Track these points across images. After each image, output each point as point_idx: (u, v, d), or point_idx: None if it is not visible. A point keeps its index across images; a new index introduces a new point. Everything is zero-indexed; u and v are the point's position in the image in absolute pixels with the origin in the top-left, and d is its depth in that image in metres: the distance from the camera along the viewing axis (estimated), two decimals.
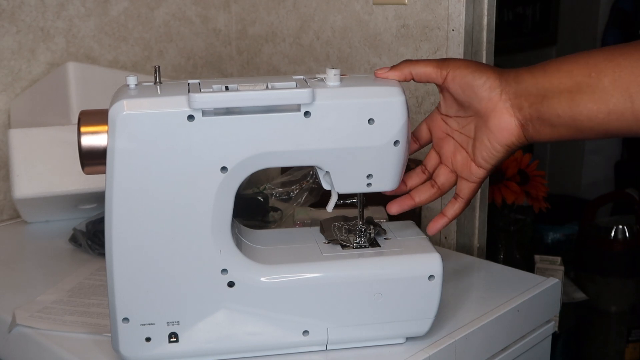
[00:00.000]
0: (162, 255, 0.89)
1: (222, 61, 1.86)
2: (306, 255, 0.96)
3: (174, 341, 0.93)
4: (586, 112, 0.86)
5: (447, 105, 0.98)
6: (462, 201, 1.00)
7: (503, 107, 0.91)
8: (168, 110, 0.85)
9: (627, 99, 0.83)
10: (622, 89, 0.83)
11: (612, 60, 0.84)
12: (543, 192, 1.96)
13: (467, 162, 0.97)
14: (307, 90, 0.86)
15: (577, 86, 0.86)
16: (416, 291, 0.95)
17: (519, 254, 1.99)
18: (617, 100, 0.84)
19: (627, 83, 0.83)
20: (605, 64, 0.84)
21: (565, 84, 0.87)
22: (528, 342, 1.13)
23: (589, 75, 0.85)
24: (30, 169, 1.37)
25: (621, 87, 0.83)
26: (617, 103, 0.84)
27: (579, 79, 0.86)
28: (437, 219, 1.00)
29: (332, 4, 1.59)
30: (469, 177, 0.98)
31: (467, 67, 0.93)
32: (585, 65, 0.86)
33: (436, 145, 1.01)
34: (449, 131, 0.99)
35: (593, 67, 0.85)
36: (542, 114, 0.89)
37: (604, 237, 2.17)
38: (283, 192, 1.48)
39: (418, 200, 1.01)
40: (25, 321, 1.05)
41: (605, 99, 0.84)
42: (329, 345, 0.96)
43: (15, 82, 1.52)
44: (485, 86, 0.91)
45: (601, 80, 0.84)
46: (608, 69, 0.84)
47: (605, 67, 0.84)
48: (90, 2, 1.60)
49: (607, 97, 0.84)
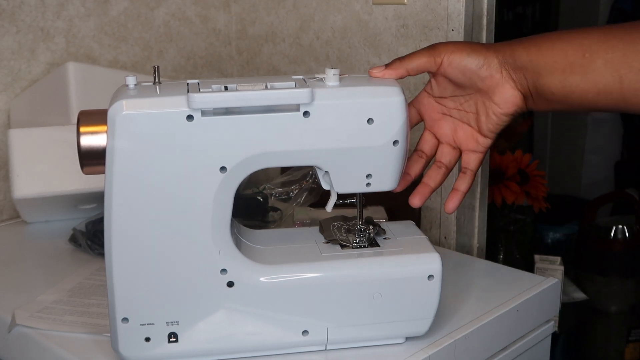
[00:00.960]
0: (162, 255, 0.89)
1: (222, 61, 1.86)
2: (305, 255, 0.96)
3: (174, 341, 0.93)
4: (578, 92, 0.89)
5: (441, 87, 0.98)
6: (471, 172, 1.01)
7: (506, 82, 0.93)
8: (167, 110, 0.85)
9: (616, 80, 0.86)
10: (613, 70, 0.85)
11: (605, 41, 0.86)
12: (543, 192, 1.95)
13: (472, 135, 0.99)
14: (306, 90, 0.86)
15: (570, 67, 0.88)
16: (416, 291, 0.95)
17: (519, 254, 1.99)
18: (607, 81, 0.86)
19: (618, 65, 0.85)
20: (598, 46, 0.86)
21: (558, 63, 0.89)
22: (528, 342, 1.13)
23: (583, 56, 0.87)
24: (30, 169, 1.37)
25: (612, 68, 0.85)
26: (607, 84, 0.86)
27: (572, 59, 0.88)
28: (453, 195, 1.01)
29: (332, 4, 1.59)
30: (477, 148, 0.99)
31: (461, 50, 0.93)
32: (579, 45, 0.87)
33: (431, 127, 1.02)
34: (446, 111, 1.00)
35: (587, 48, 0.87)
36: (538, 90, 0.91)
37: (604, 237, 2.17)
38: (282, 192, 1.48)
39: (433, 184, 1.01)
40: (25, 321, 1.05)
41: (596, 80, 0.87)
42: (328, 345, 0.96)
43: (15, 82, 1.52)
44: (484, 66, 0.92)
45: (594, 62, 0.86)
46: (601, 50, 0.86)
47: (599, 48, 0.86)
48: (90, 2, 1.60)
49: (598, 78, 0.87)
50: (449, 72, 0.94)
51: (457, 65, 0.93)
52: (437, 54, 0.94)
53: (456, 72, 0.94)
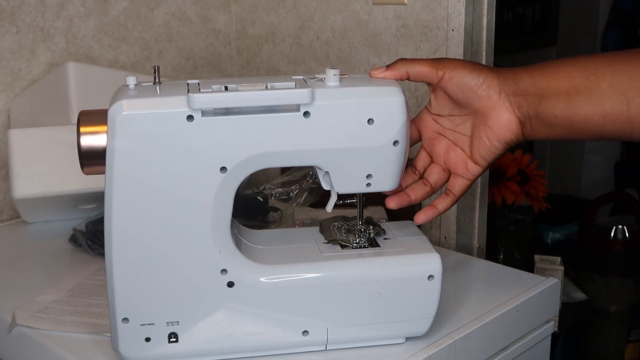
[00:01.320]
0: (162, 256, 0.89)
1: (222, 61, 1.86)
2: (306, 255, 0.96)
3: (174, 341, 0.93)
4: (583, 114, 0.87)
5: (440, 104, 0.98)
6: (454, 197, 1.00)
7: (502, 105, 0.92)
8: (167, 111, 0.85)
9: (623, 103, 0.84)
10: (620, 93, 0.84)
11: (611, 65, 0.85)
12: (543, 192, 1.95)
13: (463, 159, 0.98)
14: (306, 90, 0.86)
15: (575, 89, 0.87)
16: (416, 291, 0.95)
17: (519, 254, 1.99)
18: (613, 104, 0.85)
19: (624, 87, 0.84)
20: (604, 68, 0.85)
21: (563, 85, 0.88)
22: (528, 342, 1.13)
23: (588, 78, 0.86)
24: (30, 169, 1.37)
25: (619, 90, 0.84)
26: (613, 106, 0.85)
27: (577, 81, 0.87)
28: (427, 210, 1.00)
29: (332, 4, 1.59)
30: (465, 174, 0.98)
31: (464, 67, 0.93)
32: (584, 68, 0.86)
33: (427, 145, 1.01)
34: (441, 130, 0.99)
35: (592, 70, 0.86)
36: (540, 114, 0.90)
37: (604, 237, 2.17)
38: (283, 192, 1.48)
39: (414, 197, 1.00)
40: (25, 321, 1.05)
41: (602, 102, 0.86)
42: (328, 345, 0.96)
43: (15, 82, 1.52)
44: (484, 85, 0.91)
45: (599, 84, 0.85)
46: (607, 72, 0.85)
47: (605, 71, 0.85)
48: (90, 2, 1.60)
49: (604, 100, 0.85)
50: (449, 87, 0.94)
51: (457, 82, 0.93)
52: (440, 66, 0.93)
53: (455, 88, 0.94)
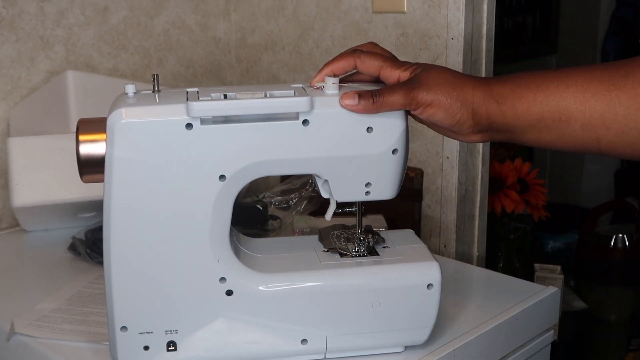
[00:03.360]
0: (161, 264, 0.89)
1: (222, 69, 1.86)
2: (305, 263, 0.96)
3: (172, 350, 0.92)
4: (553, 144, 0.89)
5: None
6: None
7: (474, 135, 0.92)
8: (166, 119, 0.85)
9: (593, 140, 0.85)
10: (591, 132, 0.85)
11: (583, 103, 0.84)
12: (543, 200, 1.96)
13: None
14: (305, 98, 0.86)
15: (547, 129, 0.87)
16: (415, 300, 0.94)
17: (519, 263, 1.99)
18: (584, 140, 0.86)
19: (595, 127, 0.84)
20: (576, 108, 0.85)
21: (534, 126, 0.88)
22: (527, 351, 1.13)
23: (560, 119, 0.86)
24: (29, 178, 1.37)
25: (590, 130, 0.85)
26: (584, 141, 0.86)
27: (549, 122, 0.87)
28: None
29: (332, 12, 1.59)
30: None
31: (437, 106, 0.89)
32: (556, 109, 0.86)
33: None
34: None
35: (564, 111, 0.85)
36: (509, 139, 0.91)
37: (604, 245, 2.17)
38: (282, 200, 1.48)
39: None
40: (24, 329, 1.05)
41: (573, 140, 0.87)
42: (327, 354, 0.96)
43: (14, 91, 1.52)
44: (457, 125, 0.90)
45: (570, 125, 0.86)
46: (579, 114, 0.85)
47: (576, 111, 0.85)
48: (89, 10, 1.60)
49: (575, 139, 0.87)
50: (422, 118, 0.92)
51: (430, 118, 0.91)
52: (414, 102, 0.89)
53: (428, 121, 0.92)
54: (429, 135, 1.44)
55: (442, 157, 1.44)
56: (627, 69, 0.84)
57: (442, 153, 1.43)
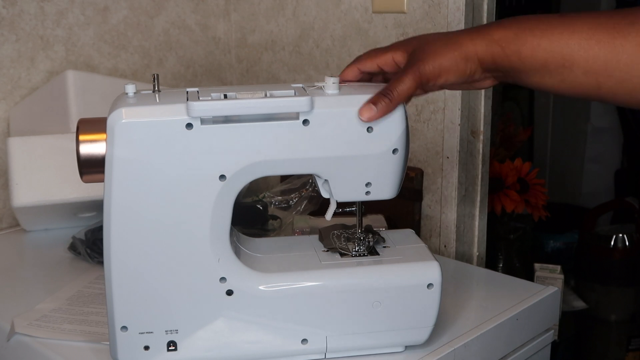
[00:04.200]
0: (161, 264, 0.89)
1: (222, 69, 1.86)
2: (305, 263, 0.96)
3: (173, 350, 0.92)
4: (553, 88, 0.89)
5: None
6: None
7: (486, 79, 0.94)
8: (166, 119, 0.85)
9: (594, 85, 0.85)
10: (592, 78, 0.85)
11: (587, 50, 0.84)
12: (543, 200, 1.95)
13: None
14: (305, 98, 0.86)
15: (549, 72, 0.87)
16: (415, 299, 0.94)
17: (519, 263, 1.99)
18: (585, 85, 0.86)
19: (597, 74, 0.84)
20: (579, 55, 0.85)
21: (538, 70, 0.88)
22: (527, 351, 1.13)
23: (563, 65, 0.86)
24: (29, 177, 1.37)
25: (591, 77, 0.85)
26: (584, 87, 0.86)
27: (552, 68, 0.87)
28: None
29: (332, 12, 1.59)
30: None
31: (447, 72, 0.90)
32: (560, 55, 0.86)
33: None
34: None
35: (567, 57, 0.85)
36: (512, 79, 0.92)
37: (604, 245, 2.17)
38: (282, 200, 1.48)
39: None
40: (24, 329, 1.05)
41: (573, 85, 0.87)
42: (327, 354, 0.96)
43: (14, 90, 1.52)
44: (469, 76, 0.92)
45: (573, 71, 0.86)
46: (582, 60, 0.85)
47: (580, 58, 0.85)
48: (89, 10, 1.60)
49: (575, 84, 0.87)
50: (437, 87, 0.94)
51: (444, 85, 0.93)
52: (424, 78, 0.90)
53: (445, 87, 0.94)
54: (429, 135, 1.45)
55: (442, 157, 1.44)
56: (632, 17, 0.83)
57: (442, 153, 1.43)
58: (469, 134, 1.42)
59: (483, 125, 1.43)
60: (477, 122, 1.43)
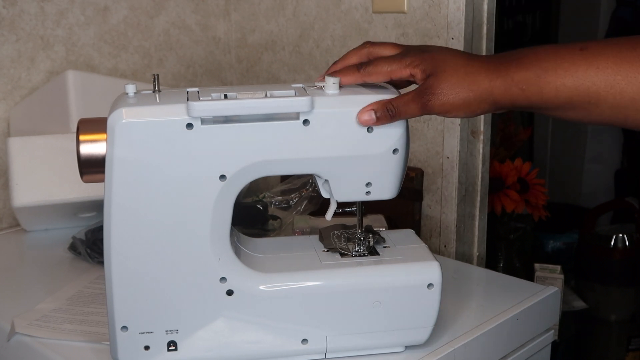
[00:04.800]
0: (161, 264, 0.89)
1: (222, 69, 1.86)
2: (305, 263, 0.96)
3: (173, 349, 0.92)
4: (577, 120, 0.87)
5: None
6: None
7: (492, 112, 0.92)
8: (167, 119, 0.85)
9: (622, 118, 0.83)
10: (619, 113, 0.83)
11: (614, 86, 0.82)
12: (543, 200, 1.96)
13: None
14: (306, 98, 0.86)
15: (573, 109, 0.85)
16: (415, 299, 0.94)
17: (519, 263, 1.99)
18: (611, 118, 0.84)
19: (625, 108, 0.82)
20: (606, 92, 0.82)
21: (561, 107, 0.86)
22: (527, 351, 1.13)
23: (589, 102, 0.83)
24: (29, 178, 1.37)
25: (618, 111, 0.83)
26: (611, 119, 0.84)
27: (577, 104, 0.84)
28: None
29: (332, 12, 1.59)
30: None
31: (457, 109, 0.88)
32: (586, 93, 0.83)
33: None
34: None
35: (594, 94, 0.83)
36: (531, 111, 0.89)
37: (604, 245, 2.17)
38: (282, 200, 1.48)
39: None
40: (24, 329, 1.05)
41: (600, 117, 0.85)
42: (327, 354, 0.96)
43: (14, 91, 1.52)
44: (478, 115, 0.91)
45: (599, 106, 0.83)
46: (609, 96, 0.82)
47: (607, 94, 0.82)
48: (90, 10, 1.60)
49: (603, 116, 0.84)
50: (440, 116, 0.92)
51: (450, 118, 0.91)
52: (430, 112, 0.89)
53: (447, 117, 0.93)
54: (429, 135, 1.45)
55: (442, 157, 1.44)
56: None
57: (442, 153, 1.43)
58: (469, 134, 1.42)
59: (483, 125, 1.43)
60: (477, 122, 1.43)
